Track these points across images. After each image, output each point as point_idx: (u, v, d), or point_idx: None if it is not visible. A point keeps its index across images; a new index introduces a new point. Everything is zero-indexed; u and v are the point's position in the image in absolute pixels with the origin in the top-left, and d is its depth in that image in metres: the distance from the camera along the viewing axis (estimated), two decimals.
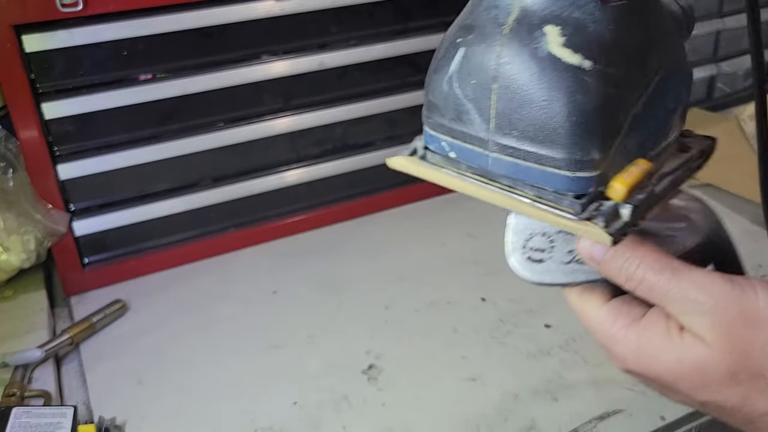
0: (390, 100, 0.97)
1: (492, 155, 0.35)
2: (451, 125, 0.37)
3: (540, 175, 0.34)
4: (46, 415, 0.63)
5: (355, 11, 0.91)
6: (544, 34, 0.32)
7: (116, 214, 0.88)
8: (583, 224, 0.33)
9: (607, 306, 0.37)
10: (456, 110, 0.36)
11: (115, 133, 0.85)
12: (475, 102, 0.34)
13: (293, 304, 0.84)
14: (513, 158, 0.34)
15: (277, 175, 0.95)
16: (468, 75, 0.35)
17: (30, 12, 0.74)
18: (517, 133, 0.33)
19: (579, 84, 0.31)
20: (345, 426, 0.65)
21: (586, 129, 0.32)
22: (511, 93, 0.33)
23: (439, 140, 0.38)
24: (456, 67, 0.35)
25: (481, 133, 0.35)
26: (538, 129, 0.32)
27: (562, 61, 0.32)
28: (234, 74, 0.87)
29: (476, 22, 0.35)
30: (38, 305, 0.83)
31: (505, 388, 0.68)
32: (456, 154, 0.37)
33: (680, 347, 0.34)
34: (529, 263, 0.40)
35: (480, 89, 0.34)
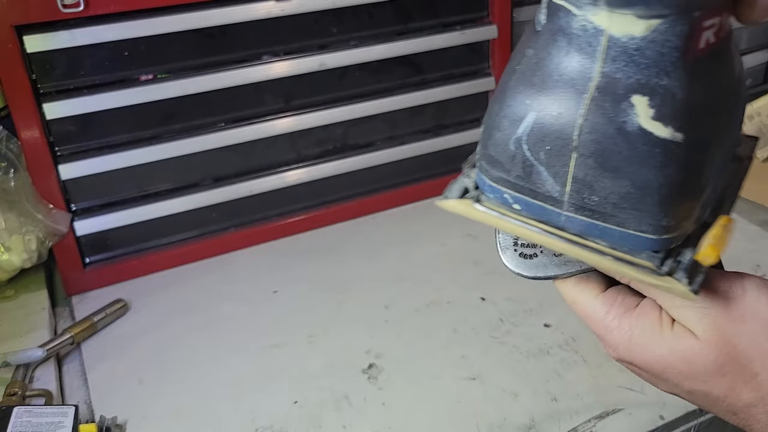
0: (390, 100, 0.98)
1: (566, 214, 0.34)
2: (517, 182, 0.34)
3: (620, 236, 0.33)
4: (47, 415, 0.63)
5: (355, 12, 0.92)
6: (633, 106, 0.30)
7: (117, 214, 0.88)
8: (664, 280, 0.32)
9: (601, 296, 0.38)
10: (525, 170, 0.34)
11: (117, 133, 0.85)
12: (549, 167, 0.33)
13: (294, 304, 0.84)
14: (591, 219, 0.33)
15: (278, 175, 0.95)
16: (541, 141, 0.33)
17: (31, 12, 0.75)
18: (597, 199, 0.32)
19: (670, 158, 0.30)
20: (345, 425, 0.65)
21: (675, 199, 0.31)
22: (593, 163, 0.31)
23: (501, 192, 0.36)
24: (526, 130, 0.33)
25: (554, 194, 0.33)
26: (623, 198, 0.31)
27: (654, 135, 0.30)
28: (235, 75, 0.87)
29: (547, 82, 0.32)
30: (39, 305, 0.83)
31: (504, 387, 0.69)
32: (521, 207, 0.35)
33: (671, 338, 0.36)
34: (521, 260, 0.41)
35: (556, 156, 0.32)
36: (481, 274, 0.87)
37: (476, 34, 0.99)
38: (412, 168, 1.04)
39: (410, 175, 1.04)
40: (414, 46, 0.96)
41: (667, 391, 0.39)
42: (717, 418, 0.66)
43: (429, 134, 1.03)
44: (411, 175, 1.04)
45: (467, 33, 0.98)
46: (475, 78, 1.02)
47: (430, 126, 1.03)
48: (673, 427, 0.65)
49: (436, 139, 1.03)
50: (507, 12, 0.99)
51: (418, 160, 1.03)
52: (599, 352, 0.72)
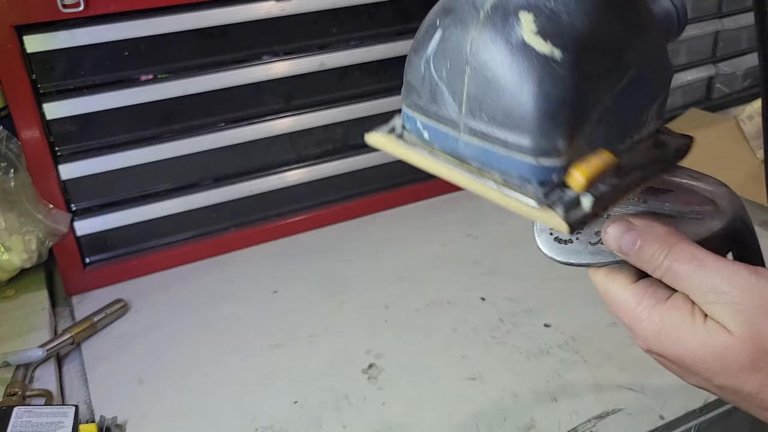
0: (390, 100, 0.98)
1: (462, 138, 0.35)
2: (426, 106, 0.37)
3: (506, 161, 0.34)
4: (47, 415, 0.63)
5: (355, 12, 0.92)
6: (519, 21, 0.32)
7: (117, 214, 0.88)
8: (543, 211, 0.33)
9: (633, 287, 0.38)
10: (431, 91, 0.36)
11: (117, 134, 0.85)
12: (449, 84, 0.35)
13: (294, 304, 0.84)
14: (482, 142, 0.35)
15: (278, 175, 0.96)
16: (443, 57, 0.35)
17: (31, 12, 0.75)
18: (486, 117, 0.34)
19: (548, 73, 0.32)
20: (345, 425, 0.65)
21: (552, 117, 0.32)
22: (482, 77, 0.33)
23: (415, 120, 0.38)
24: (433, 48, 0.36)
25: (453, 115, 0.35)
26: (507, 114, 0.33)
27: (534, 50, 0.32)
28: (235, 75, 0.87)
29: (455, 5, 0.35)
30: (39, 305, 0.83)
31: (504, 387, 0.69)
32: (429, 135, 0.38)
33: (703, 332, 0.35)
34: (555, 244, 0.40)
35: (454, 72, 0.35)
36: (481, 274, 0.87)
37: None
38: (412, 168, 1.03)
39: (410, 175, 1.04)
40: None
41: (695, 385, 0.39)
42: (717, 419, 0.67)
43: None
44: (411, 175, 1.04)
45: None
46: None
47: None
48: (673, 427, 0.65)
49: None
50: None
51: None
52: (599, 352, 0.72)
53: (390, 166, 1.02)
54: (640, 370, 0.69)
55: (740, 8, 1.24)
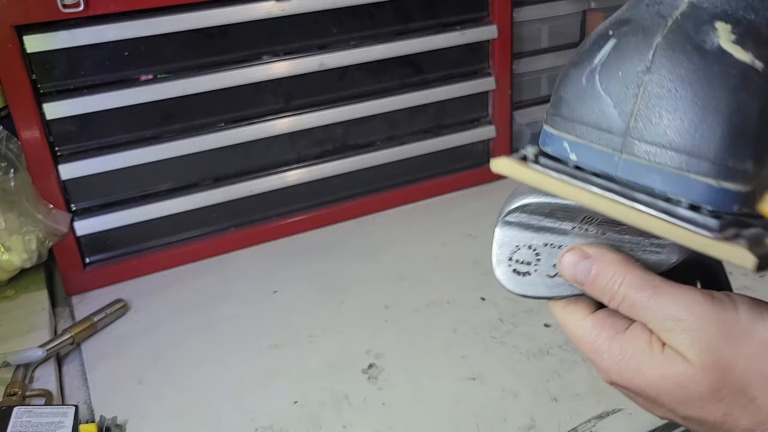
0: (390, 100, 0.98)
1: (623, 157, 0.32)
2: (579, 119, 0.33)
3: (677, 183, 0.30)
4: (47, 415, 0.63)
5: (355, 12, 0.92)
6: (714, 29, 0.30)
7: (117, 214, 0.88)
8: (723, 245, 0.29)
9: (591, 318, 0.37)
10: (589, 105, 0.33)
11: (117, 134, 0.85)
12: (615, 96, 0.32)
13: (293, 304, 0.84)
14: (649, 162, 0.31)
15: (278, 175, 0.96)
16: (615, 66, 0.32)
17: (31, 12, 0.75)
18: (660, 133, 0.30)
19: (747, 83, 0.29)
20: (345, 425, 0.66)
21: (745, 133, 0.29)
22: (663, 86, 0.30)
23: (560, 141, 0.34)
24: (602, 58, 0.32)
25: (614, 130, 0.32)
26: (687, 130, 0.29)
27: (732, 56, 0.29)
28: (235, 75, 0.87)
29: (635, 16, 0.32)
30: (39, 305, 0.83)
31: (504, 387, 0.69)
32: (577, 157, 0.34)
33: (662, 363, 0.34)
34: (514, 276, 0.40)
35: (625, 82, 0.31)
36: (481, 274, 0.87)
37: (476, 34, 0.99)
38: (412, 168, 1.04)
39: (410, 175, 1.04)
40: (414, 46, 0.96)
41: (662, 417, 0.38)
42: None
43: (429, 134, 1.03)
44: (411, 175, 1.05)
45: (467, 33, 0.99)
46: (475, 78, 1.02)
47: (430, 126, 1.03)
48: (672, 427, 0.65)
49: (436, 139, 1.03)
50: (507, 12, 1.00)
51: (418, 160, 1.03)
52: None
53: (390, 166, 1.02)
54: None
55: None
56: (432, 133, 1.03)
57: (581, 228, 0.38)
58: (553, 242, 0.38)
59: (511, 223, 0.38)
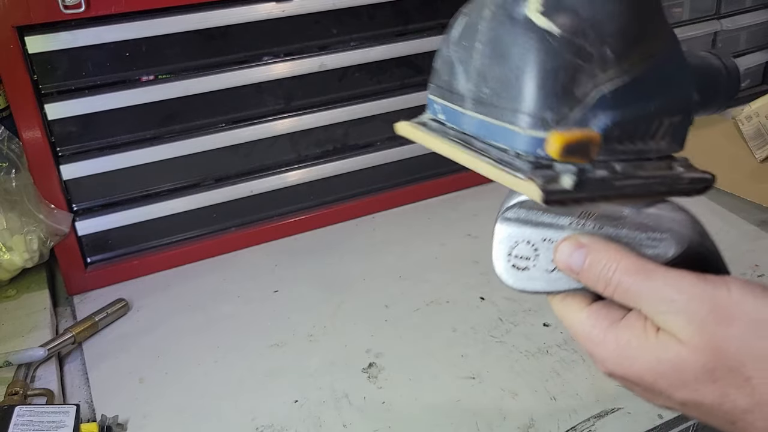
0: (390, 101, 0.98)
1: (467, 113, 0.37)
2: (443, 86, 0.39)
3: (500, 132, 0.35)
4: (48, 414, 0.63)
5: (355, 13, 0.92)
6: (526, 1, 0.35)
7: (119, 214, 0.88)
8: (524, 182, 0.34)
9: (587, 309, 0.38)
10: (449, 71, 0.38)
11: (118, 134, 0.85)
12: (462, 61, 0.37)
13: (294, 303, 0.84)
14: (482, 115, 0.36)
15: (279, 176, 0.96)
16: (462, 38, 0.38)
17: (33, 13, 0.75)
18: (488, 90, 0.36)
19: (545, 47, 0.34)
20: (345, 424, 0.66)
21: (543, 88, 0.34)
22: (489, 51, 0.36)
23: (434, 104, 0.40)
24: (456, 33, 0.38)
25: (462, 90, 0.37)
26: (505, 85, 0.35)
27: (535, 25, 0.34)
28: (236, 75, 0.88)
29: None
30: (41, 304, 0.83)
31: (504, 386, 0.69)
32: (444, 116, 0.40)
33: (656, 346, 0.35)
34: (513, 271, 0.41)
35: (467, 49, 0.37)
36: (481, 274, 0.87)
37: None
38: (412, 168, 1.04)
39: (410, 175, 1.05)
40: (414, 47, 0.96)
41: (662, 406, 0.38)
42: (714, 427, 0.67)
43: None
44: (411, 175, 1.05)
45: None
46: None
47: None
48: (671, 426, 0.65)
49: None
50: None
51: (418, 160, 1.04)
52: None
53: (390, 166, 1.02)
54: None
55: (739, 9, 1.24)
56: None
57: (578, 223, 0.39)
58: (551, 237, 0.39)
59: (510, 220, 0.40)
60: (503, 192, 0.40)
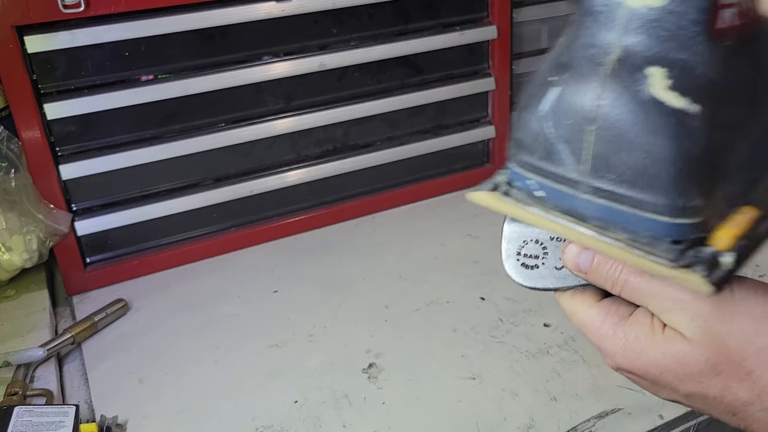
0: (390, 100, 0.98)
1: (584, 197, 0.34)
2: (540, 164, 0.35)
3: (636, 220, 0.32)
4: (48, 414, 0.63)
5: (355, 13, 0.92)
6: (647, 77, 0.31)
7: (118, 214, 0.88)
8: (681, 272, 0.32)
9: (597, 306, 0.39)
10: (547, 150, 0.35)
11: (117, 134, 0.85)
12: (569, 143, 0.33)
13: (294, 304, 0.84)
14: (607, 201, 0.33)
15: (278, 176, 0.96)
16: (562, 115, 0.33)
17: (32, 13, 0.75)
18: (613, 176, 0.32)
19: (685, 129, 0.30)
20: (345, 424, 0.66)
21: (690, 175, 0.31)
22: (610, 136, 0.32)
23: (525, 179, 0.36)
24: (549, 106, 0.34)
25: (573, 175, 0.34)
26: (638, 174, 0.31)
27: (667, 105, 0.30)
28: (235, 75, 0.87)
29: (572, 60, 0.33)
30: (40, 304, 0.83)
31: (504, 386, 0.69)
32: (544, 194, 0.36)
33: (663, 342, 0.36)
34: (523, 269, 0.41)
35: (575, 131, 0.33)
36: (481, 274, 0.87)
37: (476, 35, 0.99)
38: (412, 168, 1.04)
39: (410, 175, 1.05)
40: (414, 47, 0.96)
41: (667, 399, 0.39)
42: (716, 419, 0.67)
43: (429, 134, 1.03)
44: (411, 175, 1.05)
45: (467, 33, 0.99)
46: (475, 78, 1.03)
47: (429, 126, 1.03)
48: (672, 426, 0.65)
49: (436, 140, 1.03)
50: (507, 13, 1.00)
51: (418, 160, 1.03)
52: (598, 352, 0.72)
53: (390, 166, 1.02)
54: None
55: None
56: (432, 133, 1.04)
57: None
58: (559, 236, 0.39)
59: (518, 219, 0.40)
60: None
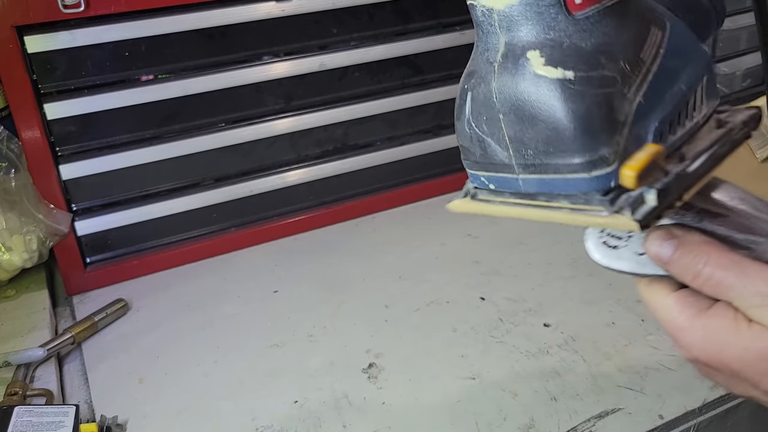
0: (390, 100, 0.98)
1: (520, 177, 0.38)
2: (481, 161, 0.39)
3: (564, 183, 0.36)
4: (48, 414, 0.63)
5: (355, 13, 0.92)
6: (528, 59, 0.35)
7: (118, 214, 0.88)
8: (612, 218, 0.34)
9: (674, 295, 0.39)
10: (480, 147, 0.39)
11: (117, 134, 0.85)
12: (491, 135, 0.37)
13: (294, 304, 0.84)
14: (537, 174, 0.36)
15: (278, 176, 0.96)
16: (479, 114, 0.38)
17: (32, 13, 0.75)
18: (531, 151, 0.36)
19: (567, 93, 0.34)
20: (345, 424, 0.66)
21: (587, 131, 0.34)
22: (514, 118, 0.36)
23: (478, 177, 0.41)
24: (468, 110, 0.38)
25: (505, 160, 0.38)
26: (548, 142, 0.35)
27: (548, 78, 0.34)
28: (235, 75, 0.88)
29: (476, 66, 0.38)
30: (40, 304, 0.83)
31: (504, 386, 0.69)
32: (494, 185, 0.40)
33: (748, 337, 0.36)
34: (603, 247, 0.42)
35: (491, 124, 0.37)
36: (481, 274, 0.87)
37: None
38: (412, 168, 1.04)
39: (410, 175, 1.05)
40: (414, 47, 0.96)
41: (742, 394, 0.39)
42: (716, 418, 0.67)
43: (429, 134, 1.03)
44: (411, 175, 1.05)
45: (467, 33, 0.99)
46: None
47: (429, 126, 1.03)
48: (672, 426, 0.65)
49: (436, 140, 1.03)
50: None
51: (418, 160, 1.03)
52: (598, 352, 0.72)
53: (390, 166, 1.02)
54: (639, 370, 0.69)
55: (739, 9, 1.24)
56: (432, 133, 1.04)
57: (677, 213, 0.39)
58: None
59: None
60: None
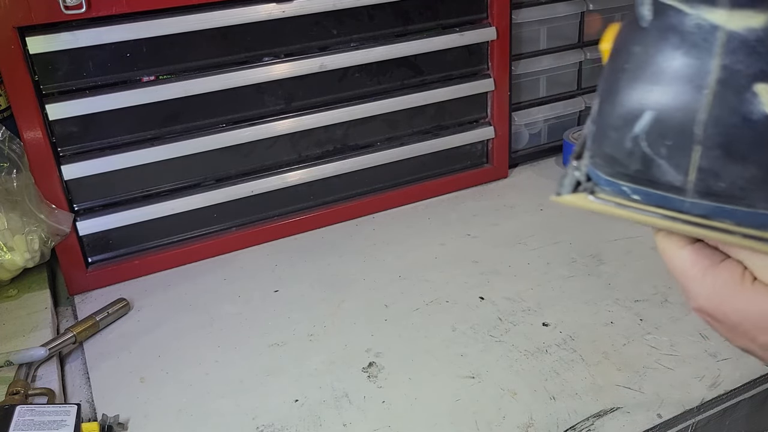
0: (390, 101, 0.98)
1: (690, 200, 0.34)
2: (635, 175, 0.35)
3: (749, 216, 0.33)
4: (49, 413, 0.63)
5: (355, 14, 0.92)
6: (756, 95, 0.31)
7: (120, 214, 0.89)
8: None
9: (690, 247, 0.40)
10: (642, 164, 0.35)
11: (119, 134, 0.86)
12: (668, 159, 0.34)
13: (294, 303, 0.85)
14: (717, 203, 0.33)
15: (279, 176, 0.96)
16: (661, 137, 0.33)
17: (34, 14, 0.75)
18: (724, 185, 0.33)
19: None
20: (345, 423, 0.66)
21: None
22: (719, 154, 0.32)
23: (618, 185, 0.36)
24: (643, 128, 0.34)
25: (675, 183, 0.34)
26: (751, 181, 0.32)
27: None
28: (236, 76, 0.88)
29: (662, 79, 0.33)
30: (42, 304, 0.84)
31: (503, 385, 0.69)
32: (641, 198, 0.36)
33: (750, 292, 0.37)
34: None
35: (677, 150, 0.33)
36: (480, 274, 0.87)
37: (475, 36, 1.00)
38: (412, 168, 1.04)
39: (410, 175, 1.05)
40: (413, 48, 0.97)
41: (741, 347, 0.40)
42: (714, 417, 0.67)
43: (428, 135, 1.04)
44: (411, 175, 1.05)
45: (466, 35, 0.99)
46: (475, 79, 1.03)
47: (429, 127, 1.04)
48: (670, 425, 0.65)
49: (436, 140, 1.04)
50: (506, 14, 1.00)
51: (418, 161, 1.04)
52: (597, 351, 0.73)
53: (390, 166, 1.02)
54: (637, 369, 0.70)
55: None
56: (431, 133, 1.04)
57: None
58: None
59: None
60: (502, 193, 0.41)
